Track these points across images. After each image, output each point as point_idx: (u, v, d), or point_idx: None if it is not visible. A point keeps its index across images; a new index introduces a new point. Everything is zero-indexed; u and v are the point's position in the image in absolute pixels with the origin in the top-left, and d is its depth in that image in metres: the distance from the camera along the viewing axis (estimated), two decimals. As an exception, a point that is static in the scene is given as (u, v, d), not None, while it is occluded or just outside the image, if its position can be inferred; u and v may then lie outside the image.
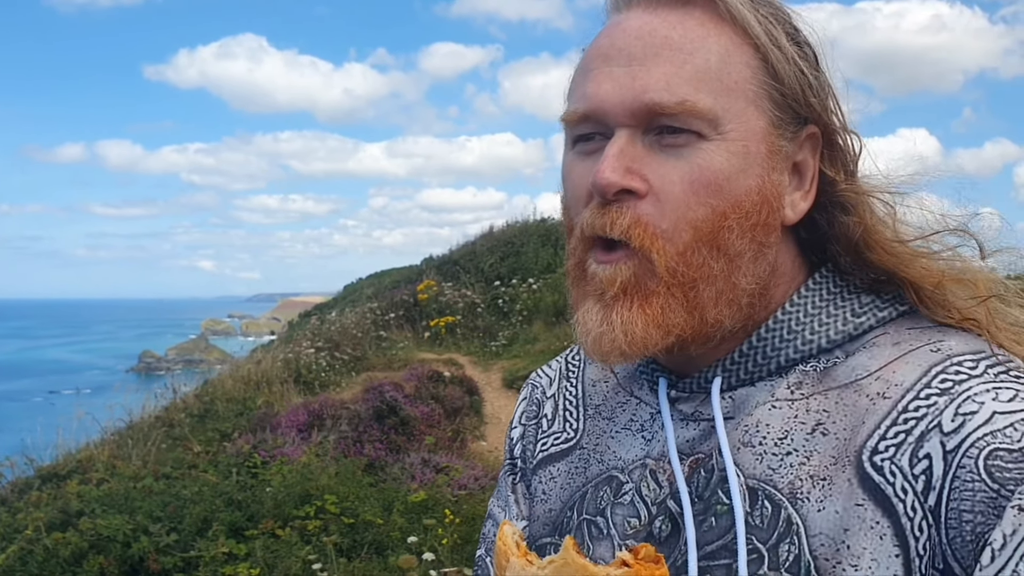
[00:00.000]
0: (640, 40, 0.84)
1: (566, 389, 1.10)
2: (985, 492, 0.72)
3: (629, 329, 0.84)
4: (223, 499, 5.96)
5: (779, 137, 0.86)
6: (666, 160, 0.83)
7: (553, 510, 1.01)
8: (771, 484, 0.83)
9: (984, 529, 0.72)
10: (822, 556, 0.78)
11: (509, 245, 18.69)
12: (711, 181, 0.82)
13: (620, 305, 0.84)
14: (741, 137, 0.83)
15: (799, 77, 0.86)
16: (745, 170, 0.84)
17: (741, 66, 0.84)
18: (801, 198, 0.89)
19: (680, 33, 0.84)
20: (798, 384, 0.88)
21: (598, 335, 0.85)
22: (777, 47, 0.85)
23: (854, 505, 0.78)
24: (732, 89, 0.83)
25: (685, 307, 0.84)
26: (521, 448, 1.10)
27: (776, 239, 0.88)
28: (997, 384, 0.78)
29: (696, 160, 0.82)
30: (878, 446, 0.79)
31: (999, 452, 0.73)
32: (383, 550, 5.47)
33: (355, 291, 24.31)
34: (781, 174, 0.87)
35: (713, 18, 0.85)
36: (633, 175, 0.83)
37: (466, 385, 11.02)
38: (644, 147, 0.83)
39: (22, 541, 5.48)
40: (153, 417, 9.90)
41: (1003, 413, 0.75)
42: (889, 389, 0.82)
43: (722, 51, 0.84)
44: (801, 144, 0.88)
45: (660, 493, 0.91)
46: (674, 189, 0.82)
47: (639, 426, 0.98)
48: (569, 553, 0.67)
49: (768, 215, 0.86)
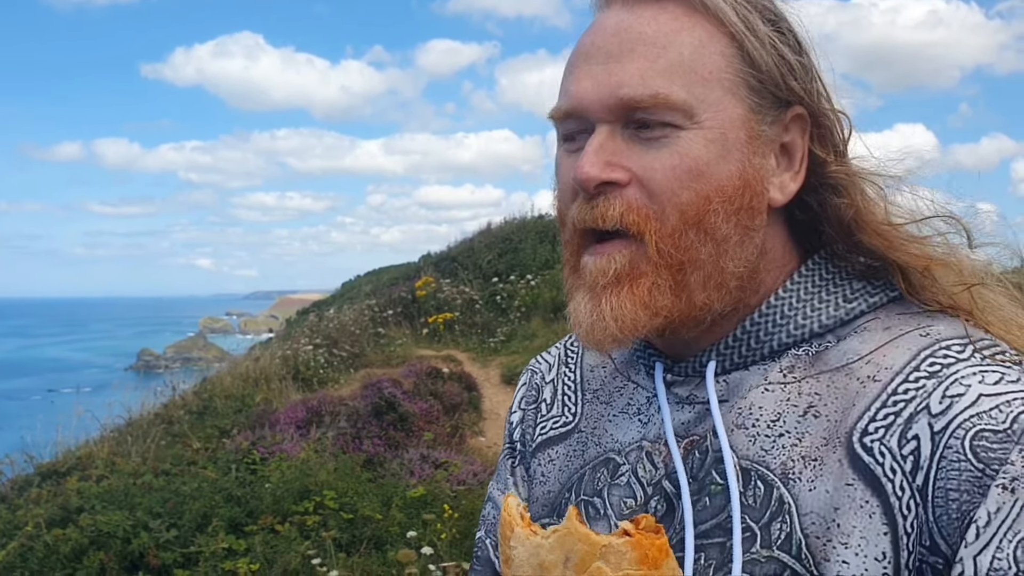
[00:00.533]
0: (616, 37, 0.87)
1: (565, 375, 1.12)
2: (971, 472, 0.74)
3: (619, 315, 0.86)
4: (222, 495, 5.98)
5: (759, 122, 0.88)
6: (647, 151, 0.85)
7: (552, 492, 1.03)
8: (764, 465, 0.85)
9: (969, 507, 0.73)
10: (813, 534, 0.80)
11: (507, 242, 18.72)
12: (692, 167, 0.84)
13: (609, 293, 0.86)
14: (718, 125, 0.85)
15: (778, 62, 0.87)
16: (724, 156, 0.85)
17: (716, 56, 0.86)
18: (791, 179, 0.91)
19: (654, 28, 0.86)
20: (791, 368, 0.89)
21: (590, 325, 0.87)
22: (753, 34, 0.87)
23: (844, 485, 0.80)
24: (706, 79, 0.85)
25: (673, 289, 0.86)
26: (520, 432, 1.12)
27: (762, 222, 0.90)
28: (983, 367, 0.80)
29: (675, 149, 0.84)
30: (868, 427, 0.81)
31: (984, 433, 0.75)
32: (382, 545, 5.50)
33: (353, 288, 24.33)
34: (764, 158, 0.88)
35: (687, 11, 0.87)
36: (614, 167, 0.85)
37: (464, 381, 11.05)
38: (624, 140, 0.86)
39: (22, 537, 5.50)
40: (152, 414, 9.92)
41: (989, 395, 0.77)
42: (879, 372, 0.84)
43: (695, 43, 0.86)
44: (787, 126, 0.90)
45: (656, 474, 0.93)
46: (657, 176, 0.84)
47: (636, 409, 1.00)
48: (572, 523, 0.69)
49: (751, 199, 0.87)
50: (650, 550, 0.67)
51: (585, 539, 0.67)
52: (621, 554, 0.67)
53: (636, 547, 0.67)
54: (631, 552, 0.67)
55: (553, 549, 0.69)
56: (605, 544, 0.67)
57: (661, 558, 0.67)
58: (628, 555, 0.67)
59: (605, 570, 0.67)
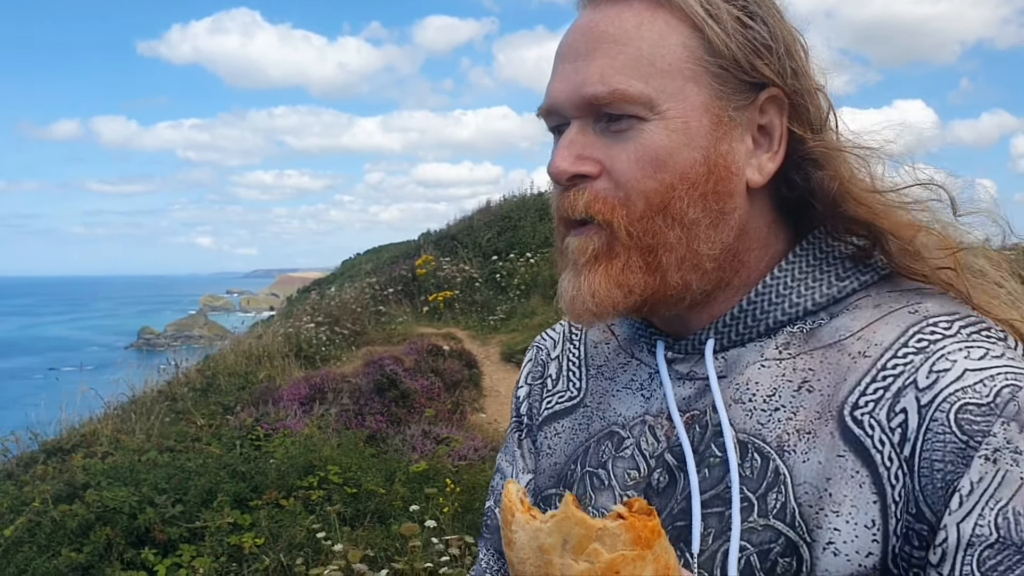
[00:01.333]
0: (584, 36, 0.92)
1: (569, 351, 1.16)
2: (955, 443, 0.78)
3: (595, 290, 0.91)
4: (227, 471, 6.04)
5: (724, 108, 0.91)
6: (614, 143, 0.90)
7: (558, 463, 1.08)
8: (760, 438, 0.90)
9: (953, 477, 0.78)
10: (806, 503, 0.84)
11: (506, 220, 18.70)
12: (654, 157, 0.88)
13: (588, 270, 0.92)
14: (680, 115, 0.89)
15: (744, 46, 0.90)
16: (688, 143, 0.89)
17: (676, 47, 0.89)
18: (768, 159, 0.93)
19: (616, 26, 0.90)
20: (786, 345, 0.93)
21: (570, 299, 0.93)
22: (716, 21, 0.89)
23: (836, 456, 0.84)
24: (666, 71, 0.88)
25: (644, 269, 0.91)
26: (527, 406, 1.17)
27: (736, 204, 0.93)
28: (969, 343, 0.84)
29: (639, 140, 0.89)
30: (858, 401, 0.85)
31: (969, 406, 0.79)
32: (386, 518, 5.56)
33: (353, 266, 24.34)
34: (735, 142, 0.91)
35: (650, 5, 0.90)
36: (584, 160, 0.90)
37: (465, 359, 11.10)
38: (595, 134, 0.91)
39: (30, 513, 5.56)
40: (156, 392, 9.97)
41: (974, 370, 0.81)
42: (869, 348, 0.88)
43: (655, 36, 0.89)
44: (762, 108, 0.92)
45: (658, 447, 0.97)
46: (622, 167, 0.89)
47: (639, 385, 1.04)
48: (569, 508, 0.73)
49: (717, 183, 0.90)
50: (643, 531, 0.71)
51: (582, 523, 0.71)
52: (616, 536, 0.71)
53: (630, 529, 0.71)
54: (625, 534, 0.71)
55: (552, 533, 0.73)
56: (600, 527, 0.71)
57: (653, 538, 0.71)
58: (622, 536, 0.71)
59: (601, 550, 0.71)
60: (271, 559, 4.93)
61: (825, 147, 0.93)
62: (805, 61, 0.95)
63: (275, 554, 4.96)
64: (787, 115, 0.93)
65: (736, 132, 0.91)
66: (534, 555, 0.74)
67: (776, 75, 0.91)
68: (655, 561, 0.70)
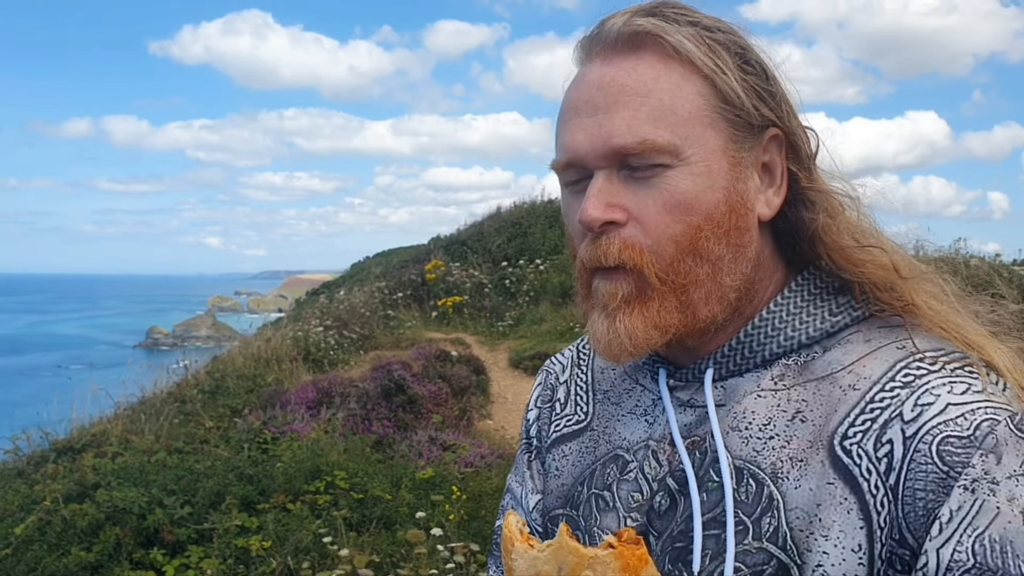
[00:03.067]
0: (601, 91, 0.95)
1: (577, 376, 1.21)
2: (937, 473, 0.83)
3: (632, 333, 0.96)
4: (235, 473, 6.08)
5: (738, 150, 0.97)
6: (640, 190, 0.94)
7: (565, 485, 1.13)
8: (755, 464, 0.95)
9: (935, 505, 0.83)
10: (797, 527, 0.89)
11: (516, 226, 18.75)
12: (681, 202, 0.93)
13: (622, 314, 0.96)
14: (702, 159, 0.94)
15: (748, 92, 0.96)
16: (711, 186, 0.95)
17: (692, 95, 0.95)
18: (774, 194, 1.00)
19: (634, 79, 0.94)
20: (781, 376, 0.99)
21: (607, 342, 0.97)
22: (723, 72, 0.95)
23: (826, 483, 0.89)
24: (687, 119, 0.94)
25: (679, 308, 0.96)
26: (536, 429, 1.22)
27: (751, 238, 0.99)
28: (953, 379, 0.89)
29: (665, 186, 0.93)
30: (848, 432, 0.91)
31: (950, 439, 0.84)
32: (391, 525, 5.60)
33: (363, 270, 24.41)
34: (747, 180, 0.98)
35: (661, 58, 0.95)
36: (613, 208, 0.94)
37: (473, 364, 11.13)
38: (620, 182, 0.95)
39: (40, 512, 5.62)
40: (165, 393, 10.02)
41: (956, 404, 0.86)
42: (859, 382, 0.93)
43: (673, 87, 0.94)
44: (765, 147, 0.99)
45: (660, 471, 1.03)
46: (651, 212, 0.94)
47: (643, 411, 1.09)
48: (563, 538, 0.79)
49: (738, 219, 0.97)
50: (631, 559, 0.76)
51: (575, 552, 0.77)
52: (606, 564, 0.76)
53: (619, 557, 0.76)
54: (615, 562, 0.76)
55: (548, 561, 0.79)
56: (592, 556, 0.77)
57: (641, 566, 0.76)
58: (612, 564, 0.76)
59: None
60: (278, 562, 4.98)
61: (817, 189, 1.00)
62: (793, 100, 1.01)
63: (282, 557, 5.01)
64: (784, 152, 1.00)
65: (748, 171, 0.97)
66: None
67: (776, 116, 0.98)
68: None
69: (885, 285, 0.98)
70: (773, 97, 0.98)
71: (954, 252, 9.37)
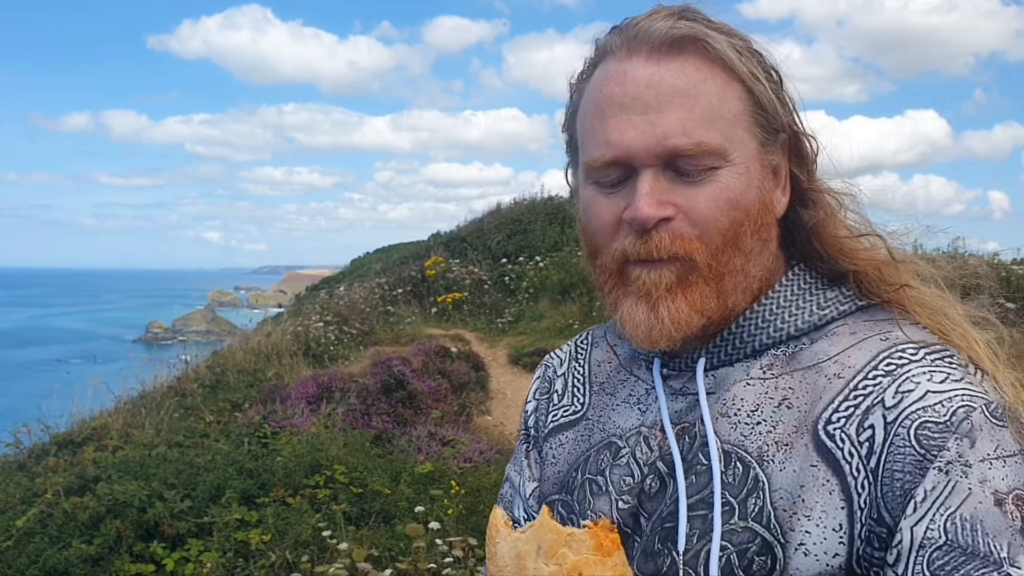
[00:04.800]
0: (651, 89, 0.98)
1: (575, 369, 1.26)
2: (914, 456, 0.88)
3: (675, 317, 1.00)
4: (235, 467, 6.10)
5: (767, 153, 1.02)
6: (688, 188, 0.98)
7: (561, 471, 1.17)
8: (743, 448, 0.99)
9: (911, 486, 0.87)
10: (781, 508, 0.93)
11: (516, 223, 18.80)
12: (729, 198, 0.98)
13: (667, 300, 1.00)
14: (743, 160, 0.99)
15: (773, 99, 1.02)
16: (749, 185, 1.00)
17: (735, 101, 0.99)
18: (781, 194, 1.06)
19: (684, 80, 0.98)
20: (769, 365, 1.03)
21: (648, 328, 1.01)
22: (757, 79, 1.00)
23: (809, 466, 0.94)
24: (732, 123, 0.99)
25: (716, 295, 1.01)
26: (535, 420, 1.27)
27: (774, 233, 1.05)
28: (933, 368, 0.94)
29: (716, 184, 0.98)
30: (831, 417, 0.95)
31: (928, 424, 0.88)
32: (391, 519, 5.63)
33: (363, 265, 24.44)
34: (769, 180, 1.03)
35: (705, 62, 0.99)
36: (664, 205, 0.98)
37: (472, 361, 11.18)
38: (667, 180, 0.99)
39: (41, 504, 5.64)
40: (165, 387, 10.04)
41: (935, 392, 0.91)
42: (844, 371, 0.98)
43: (719, 91, 0.98)
44: (777, 149, 1.04)
45: (651, 456, 1.07)
46: (700, 207, 0.98)
47: (636, 400, 1.14)
48: (544, 517, 0.83)
49: (767, 216, 1.03)
50: (605, 540, 0.80)
51: (554, 530, 0.81)
52: (581, 542, 0.80)
53: (593, 536, 0.80)
54: (589, 540, 0.80)
55: (528, 540, 0.83)
56: (569, 533, 0.81)
57: (613, 549, 0.80)
58: (587, 543, 0.80)
59: (568, 553, 0.80)
60: (277, 556, 5.01)
61: (817, 190, 1.06)
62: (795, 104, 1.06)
63: (281, 551, 5.05)
64: (788, 155, 1.05)
65: (769, 172, 1.03)
66: (512, 562, 0.84)
67: (789, 122, 1.04)
68: (613, 569, 0.79)
69: (876, 274, 1.03)
70: (786, 103, 1.04)
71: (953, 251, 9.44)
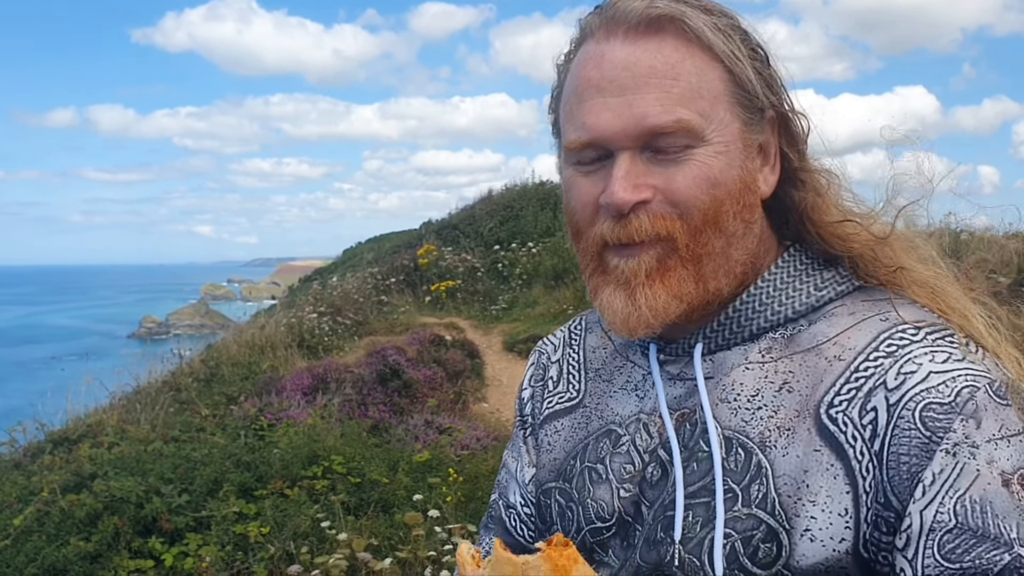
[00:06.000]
0: (628, 71, 0.96)
1: (569, 355, 1.24)
2: (920, 438, 0.86)
3: (652, 305, 0.98)
4: (232, 461, 6.09)
5: (750, 132, 1.00)
6: (666, 170, 0.96)
7: (558, 459, 1.16)
8: (744, 434, 0.97)
9: (918, 469, 0.86)
10: (786, 494, 0.92)
11: (508, 209, 18.75)
12: (708, 176, 0.96)
13: (643, 288, 0.99)
14: (723, 139, 0.97)
15: (756, 79, 0.99)
16: (730, 164, 0.98)
17: (715, 80, 0.97)
18: (770, 172, 1.04)
19: (661, 60, 0.96)
20: (768, 349, 1.02)
21: (626, 316, 1.00)
22: (738, 59, 0.98)
23: (812, 451, 0.92)
24: (712, 102, 0.96)
25: (695, 279, 0.99)
26: (531, 407, 1.25)
27: (758, 215, 1.03)
28: (934, 348, 0.92)
29: (695, 162, 0.96)
30: (833, 401, 0.93)
31: (932, 405, 0.87)
32: (389, 508, 5.63)
33: (355, 256, 24.39)
34: (753, 160, 1.01)
35: (684, 42, 0.97)
36: (640, 188, 0.96)
37: (467, 348, 11.17)
38: (644, 163, 0.97)
39: (38, 503, 5.63)
40: (160, 382, 10.01)
41: (938, 372, 0.89)
42: (844, 352, 0.96)
43: (698, 71, 0.96)
44: (764, 128, 1.02)
45: (652, 443, 1.05)
46: (679, 186, 0.96)
47: (633, 386, 1.12)
48: (498, 551, 0.83)
49: (749, 196, 1.00)
50: (559, 560, 0.80)
51: (509, 562, 0.81)
52: (536, 567, 0.80)
53: (547, 560, 0.80)
54: (544, 564, 0.80)
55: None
56: (523, 562, 0.80)
57: (570, 565, 0.80)
58: (542, 568, 0.79)
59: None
60: (276, 548, 5.00)
61: (807, 170, 1.03)
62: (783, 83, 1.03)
63: (280, 543, 5.04)
64: (778, 133, 1.03)
65: (754, 152, 1.01)
66: None
67: (777, 101, 1.02)
68: None
69: (871, 257, 1.01)
70: (773, 81, 1.02)
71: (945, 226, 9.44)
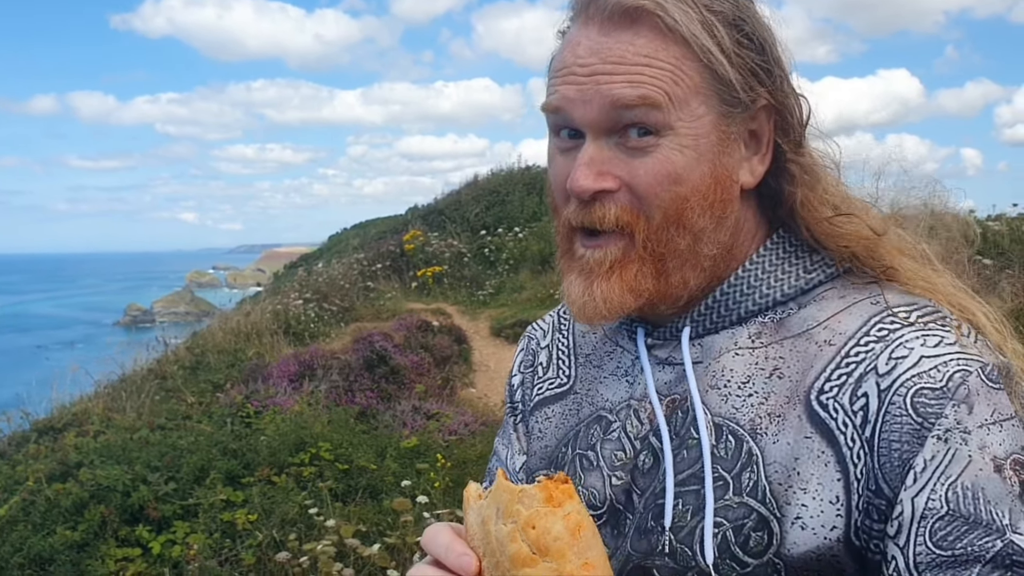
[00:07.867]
0: (597, 56, 0.95)
1: (559, 340, 1.23)
2: (911, 424, 0.85)
3: (607, 297, 0.97)
4: (219, 448, 6.08)
5: (728, 125, 0.97)
6: (632, 160, 0.95)
7: (548, 446, 1.15)
8: (734, 421, 0.96)
9: (909, 456, 0.84)
10: (776, 481, 0.91)
11: (494, 194, 18.73)
12: (671, 172, 0.94)
13: (601, 279, 0.97)
14: (692, 133, 0.94)
15: (743, 71, 0.96)
16: (699, 159, 0.95)
17: (690, 73, 0.94)
18: (759, 162, 1.01)
19: (632, 52, 0.94)
20: (758, 334, 1.00)
21: (581, 304, 0.99)
22: (719, 50, 0.94)
23: (803, 438, 0.91)
24: (683, 96, 0.94)
25: (654, 275, 0.98)
26: (521, 393, 1.24)
27: (734, 208, 1.00)
28: (926, 331, 0.91)
29: (657, 156, 0.94)
30: (824, 387, 0.92)
31: (924, 391, 0.86)
32: (377, 494, 5.63)
33: (340, 241, 24.30)
34: (732, 153, 0.98)
35: (658, 34, 0.94)
36: (604, 176, 0.95)
37: (455, 334, 11.16)
38: (610, 150, 0.95)
39: (24, 492, 5.60)
40: (145, 370, 9.97)
41: (929, 357, 0.88)
42: (834, 337, 0.95)
43: (670, 64, 0.94)
44: (754, 115, 0.99)
45: (643, 430, 1.04)
46: (642, 181, 0.94)
47: (623, 371, 1.11)
48: (499, 480, 0.84)
49: (722, 192, 0.98)
50: (554, 492, 0.80)
51: (508, 490, 0.82)
52: (532, 496, 0.80)
53: (543, 490, 0.80)
54: (539, 494, 0.80)
55: (489, 506, 0.84)
56: (521, 490, 0.81)
57: (564, 499, 0.80)
58: (537, 496, 0.80)
59: (521, 510, 0.80)
60: (264, 535, 5.00)
61: (798, 162, 1.01)
62: (787, 65, 1.00)
63: (268, 530, 5.03)
64: (773, 121, 1.00)
65: (735, 143, 0.98)
66: (479, 529, 0.84)
67: (769, 91, 0.98)
68: (565, 518, 0.79)
69: (865, 254, 1.00)
70: (768, 70, 0.98)
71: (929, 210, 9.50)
